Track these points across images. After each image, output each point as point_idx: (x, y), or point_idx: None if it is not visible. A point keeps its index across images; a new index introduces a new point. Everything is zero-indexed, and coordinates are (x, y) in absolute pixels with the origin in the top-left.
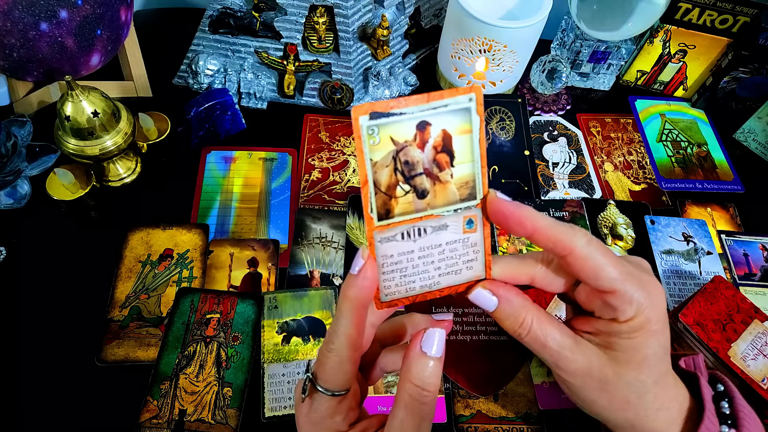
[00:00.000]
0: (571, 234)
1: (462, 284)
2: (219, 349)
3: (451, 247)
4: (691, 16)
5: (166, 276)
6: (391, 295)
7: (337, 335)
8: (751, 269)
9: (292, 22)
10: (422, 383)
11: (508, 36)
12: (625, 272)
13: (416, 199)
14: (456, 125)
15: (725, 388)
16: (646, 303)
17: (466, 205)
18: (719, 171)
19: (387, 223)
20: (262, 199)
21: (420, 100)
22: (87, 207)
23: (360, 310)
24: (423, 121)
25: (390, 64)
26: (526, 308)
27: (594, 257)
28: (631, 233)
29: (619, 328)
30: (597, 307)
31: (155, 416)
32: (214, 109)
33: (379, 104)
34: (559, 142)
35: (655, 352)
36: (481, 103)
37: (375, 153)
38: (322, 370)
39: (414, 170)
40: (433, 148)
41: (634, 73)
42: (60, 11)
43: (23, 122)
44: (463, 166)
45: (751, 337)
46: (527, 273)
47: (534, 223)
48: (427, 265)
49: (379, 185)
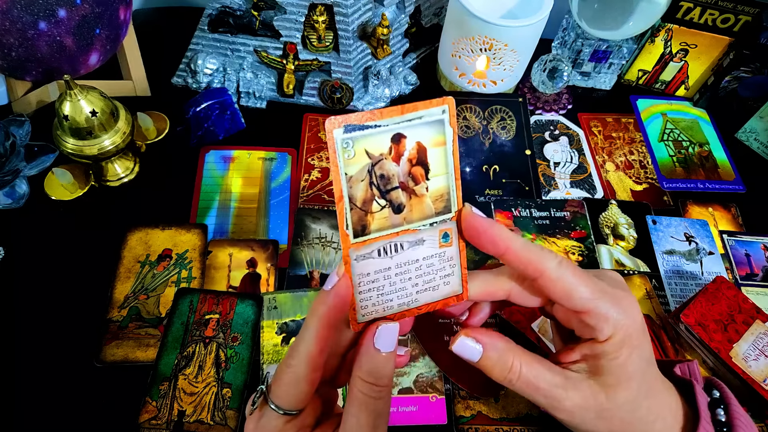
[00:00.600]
0: (542, 256)
1: (440, 301)
2: (218, 350)
3: (428, 262)
4: (692, 15)
5: (165, 276)
6: (368, 315)
7: (298, 352)
8: (753, 269)
9: (291, 21)
10: (375, 379)
11: (509, 35)
12: (597, 290)
13: (392, 214)
14: (430, 137)
15: (721, 395)
16: (623, 319)
17: (442, 218)
18: (721, 171)
19: (363, 239)
20: (261, 199)
21: (394, 112)
22: (85, 207)
23: (326, 329)
24: (398, 134)
25: (390, 63)
26: (512, 351)
27: (565, 279)
28: (632, 233)
29: (603, 349)
30: (575, 325)
31: (154, 417)
32: (213, 109)
33: (354, 116)
34: (561, 141)
35: (640, 366)
36: (454, 114)
37: (350, 167)
38: (277, 385)
39: (390, 184)
40: (408, 161)
41: (636, 73)
42: (59, 10)
43: (22, 122)
44: (438, 178)
45: (752, 338)
46: (503, 288)
47: (506, 243)
48: (405, 282)
49: (354, 200)
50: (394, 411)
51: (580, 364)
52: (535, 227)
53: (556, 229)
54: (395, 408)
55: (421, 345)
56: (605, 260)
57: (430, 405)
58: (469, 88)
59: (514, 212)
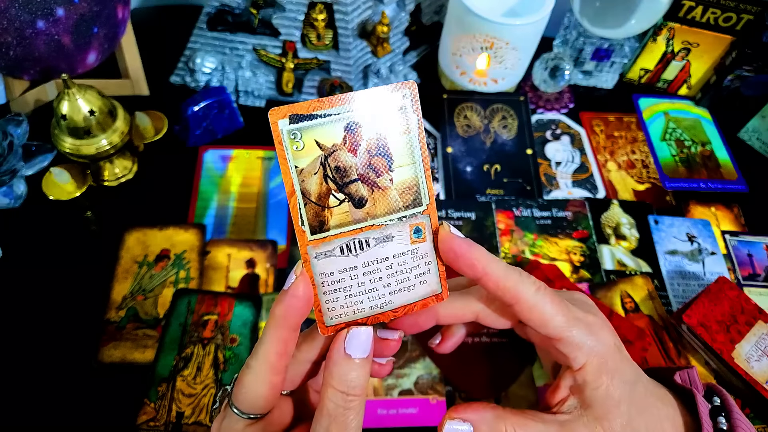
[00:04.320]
0: (519, 283)
1: (418, 302)
2: (216, 351)
3: (400, 260)
4: (694, 13)
5: (163, 277)
6: (336, 318)
7: (257, 355)
8: (755, 270)
9: (290, 19)
10: (347, 388)
11: (510, 33)
12: (572, 318)
13: (353, 209)
14: (390, 125)
15: (722, 402)
16: (595, 345)
17: (411, 212)
18: (723, 170)
19: (322, 236)
20: (260, 199)
21: (345, 100)
22: (83, 207)
23: (285, 331)
24: (351, 122)
25: (390, 61)
26: (502, 419)
27: (541, 307)
28: (634, 233)
29: (584, 379)
30: (550, 349)
31: (152, 419)
32: (212, 108)
33: (299, 106)
34: (562, 140)
35: (625, 390)
36: (417, 99)
37: (300, 159)
38: (238, 388)
39: (347, 176)
40: (366, 151)
41: (638, 72)
42: (57, 9)
43: (19, 121)
44: (404, 169)
45: (755, 338)
46: (471, 310)
47: (485, 267)
48: (375, 282)
49: (308, 195)
50: (394, 413)
51: (569, 402)
52: (536, 227)
53: (558, 229)
54: (395, 410)
55: (421, 346)
56: (607, 260)
57: (430, 407)
58: (470, 86)
59: (515, 212)
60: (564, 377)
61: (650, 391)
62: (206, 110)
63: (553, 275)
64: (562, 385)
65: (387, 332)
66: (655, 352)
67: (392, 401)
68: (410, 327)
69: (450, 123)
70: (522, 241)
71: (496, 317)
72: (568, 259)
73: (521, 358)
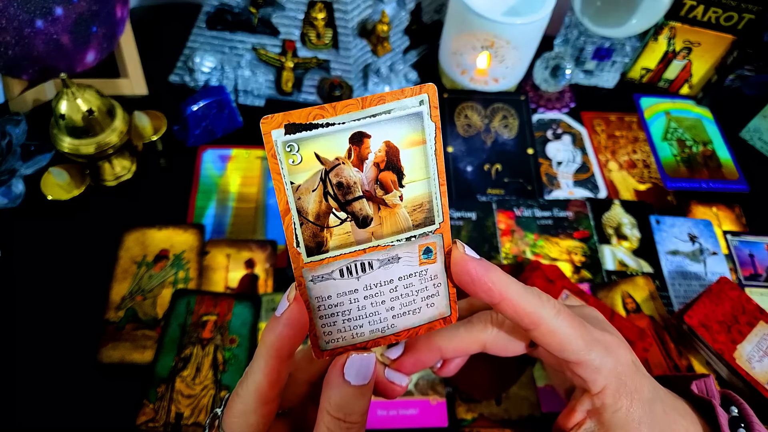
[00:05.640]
0: (539, 307)
1: (423, 325)
2: (216, 352)
3: (406, 282)
4: (695, 13)
5: (162, 277)
6: (333, 342)
7: (246, 384)
8: (757, 270)
9: (290, 18)
10: (344, 414)
11: (511, 32)
12: (591, 340)
13: (356, 229)
14: (404, 135)
15: (740, 411)
16: (614, 366)
17: (422, 232)
18: (724, 170)
19: (320, 258)
20: (259, 199)
21: (352, 107)
22: (82, 207)
23: (276, 360)
24: (358, 133)
25: (390, 60)
26: None
27: (561, 331)
28: (636, 233)
29: (603, 402)
30: (565, 371)
31: (151, 419)
32: (211, 107)
33: (297, 113)
34: (563, 140)
35: (645, 409)
36: (436, 105)
37: (297, 175)
38: (227, 414)
39: (351, 194)
40: (374, 165)
41: (639, 71)
42: (55, 8)
43: (18, 121)
44: (416, 185)
45: (756, 339)
46: (477, 341)
47: (502, 291)
48: (377, 306)
49: (305, 214)
50: (394, 414)
51: (586, 426)
52: (537, 227)
53: (559, 229)
54: (396, 411)
55: None
56: (608, 261)
57: (430, 408)
58: (471, 85)
59: (516, 212)
60: (581, 401)
61: (669, 406)
62: (205, 110)
63: (554, 276)
64: (578, 408)
65: (395, 376)
66: (656, 352)
67: (392, 402)
68: (412, 366)
69: (450, 122)
70: (523, 242)
71: (504, 345)
72: (569, 260)
73: (522, 359)
